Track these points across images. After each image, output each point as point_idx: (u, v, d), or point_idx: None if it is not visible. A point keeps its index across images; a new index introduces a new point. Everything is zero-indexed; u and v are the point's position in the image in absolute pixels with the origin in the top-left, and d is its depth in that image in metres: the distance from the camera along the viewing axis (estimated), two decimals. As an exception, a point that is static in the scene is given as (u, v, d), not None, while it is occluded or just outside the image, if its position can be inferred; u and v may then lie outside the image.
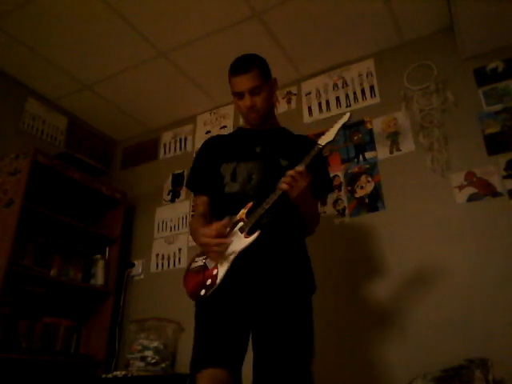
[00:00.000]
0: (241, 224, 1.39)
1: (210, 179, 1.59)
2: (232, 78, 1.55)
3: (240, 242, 1.36)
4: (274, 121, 1.70)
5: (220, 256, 1.36)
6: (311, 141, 1.61)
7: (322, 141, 1.40)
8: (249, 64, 1.54)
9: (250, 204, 1.41)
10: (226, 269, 1.35)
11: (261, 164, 1.52)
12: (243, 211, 1.41)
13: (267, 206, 1.36)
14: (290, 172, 1.34)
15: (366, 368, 2.10)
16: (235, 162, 1.55)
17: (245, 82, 1.52)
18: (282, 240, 1.46)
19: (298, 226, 1.54)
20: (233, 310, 1.38)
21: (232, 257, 1.35)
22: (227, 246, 1.36)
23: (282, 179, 1.35)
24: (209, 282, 1.37)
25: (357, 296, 2.25)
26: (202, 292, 1.37)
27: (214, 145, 1.68)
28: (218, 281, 1.34)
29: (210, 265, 1.40)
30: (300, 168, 1.34)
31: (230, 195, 1.51)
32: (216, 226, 1.35)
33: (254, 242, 1.35)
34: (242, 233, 1.37)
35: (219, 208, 1.54)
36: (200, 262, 1.44)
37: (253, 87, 1.52)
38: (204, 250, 1.43)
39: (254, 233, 1.35)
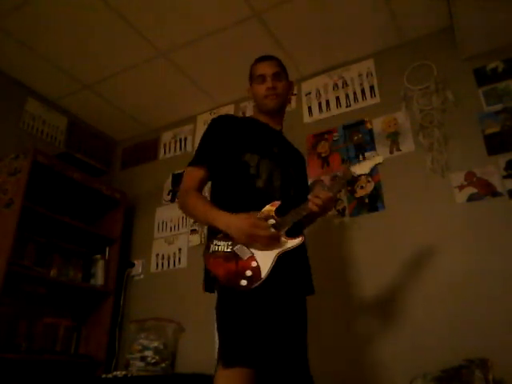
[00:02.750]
0: (272, 221, 1.39)
1: (229, 161, 1.54)
2: (256, 64, 1.69)
3: (279, 240, 1.38)
4: (282, 122, 1.75)
5: (267, 247, 1.36)
6: (302, 157, 1.83)
7: (357, 170, 1.48)
8: (275, 57, 1.72)
9: (278, 203, 1.42)
10: (271, 265, 1.33)
11: (280, 167, 1.56)
12: (271, 208, 1.40)
13: (304, 213, 1.41)
14: (323, 196, 1.40)
15: (366, 368, 2.10)
16: (258, 156, 1.54)
17: (270, 66, 1.65)
18: (304, 247, 1.54)
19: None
20: (274, 310, 1.39)
21: (275, 254, 1.35)
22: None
23: (312, 200, 1.40)
24: (249, 273, 1.32)
25: (356, 296, 2.25)
26: (244, 283, 1.32)
27: (233, 126, 1.62)
28: (263, 275, 1.32)
29: (244, 255, 1.35)
30: (331, 195, 1.43)
31: (256, 189, 1.49)
32: (265, 223, 1.37)
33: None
34: (278, 231, 1.38)
35: (243, 198, 1.50)
36: (224, 247, 1.39)
37: (277, 72, 1.64)
38: (250, 240, 1.36)
39: (294, 235, 1.39)
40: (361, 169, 1.46)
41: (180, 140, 3.32)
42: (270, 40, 2.61)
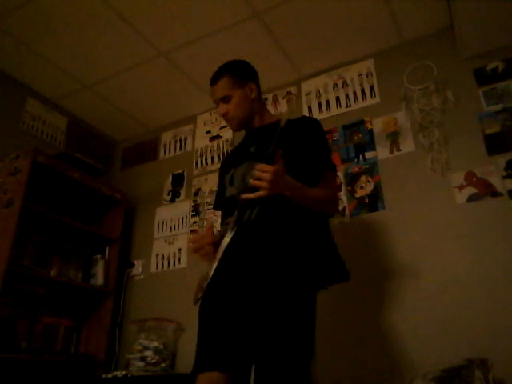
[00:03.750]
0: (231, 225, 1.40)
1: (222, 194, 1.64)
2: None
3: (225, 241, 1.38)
4: (266, 117, 1.66)
5: (210, 257, 1.38)
6: (305, 119, 1.64)
7: (282, 119, 1.29)
8: (218, 74, 1.62)
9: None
10: (214, 268, 1.35)
11: (257, 162, 1.43)
12: (236, 213, 1.41)
13: (242, 203, 1.35)
14: (256, 173, 1.27)
15: (365, 368, 2.10)
16: (233, 169, 1.58)
17: (214, 92, 1.61)
18: (270, 234, 1.38)
19: (294, 216, 1.42)
20: (227, 310, 1.38)
21: (219, 256, 1.35)
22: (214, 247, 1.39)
23: (251, 181, 1.28)
24: (205, 284, 1.38)
25: (356, 295, 2.24)
26: (199, 295, 1.39)
27: (224, 162, 1.75)
28: (208, 278, 1.36)
29: (210, 270, 1.40)
30: (258, 166, 1.26)
31: (228, 199, 1.54)
32: (200, 233, 1.40)
33: (240, 238, 1.35)
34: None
35: (222, 213, 1.60)
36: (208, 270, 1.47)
37: (221, 97, 1.58)
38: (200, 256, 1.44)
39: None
40: (285, 115, 1.36)
41: (180, 140, 3.32)
42: (270, 40, 2.61)
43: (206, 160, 3.11)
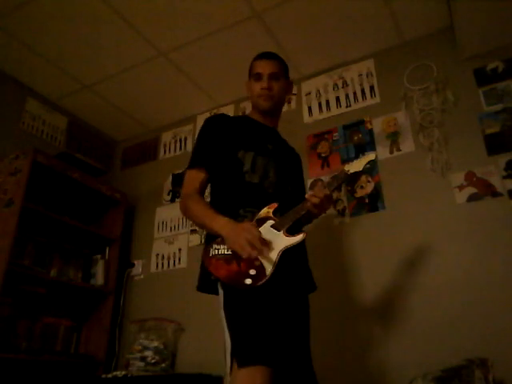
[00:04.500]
0: (271, 222, 1.39)
1: (224, 160, 1.55)
2: (256, 60, 1.68)
3: (281, 239, 1.36)
4: (278, 121, 1.75)
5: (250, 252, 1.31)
6: (298, 155, 1.85)
7: (350, 168, 1.48)
8: (275, 55, 1.70)
9: (275, 205, 1.44)
10: (275, 262, 1.32)
11: (275, 163, 1.57)
12: (268, 210, 1.42)
13: (303, 212, 1.41)
14: (320, 194, 1.39)
15: (365, 368, 2.10)
16: (253, 153, 1.55)
17: (268, 66, 1.64)
18: (303, 245, 1.55)
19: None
20: (281, 307, 1.40)
21: (278, 251, 1.33)
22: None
23: (310, 199, 1.40)
24: (253, 272, 1.31)
25: (356, 296, 2.25)
26: (248, 281, 1.30)
27: (227, 125, 1.62)
28: (268, 273, 1.30)
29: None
30: (328, 192, 1.41)
31: (252, 185, 1.50)
32: (258, 232, 1.33)
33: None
34: (278, 231, 1.37)
35: (239, 194, 1.50)
36: (223, 250, 1.38)
37: (274, 72, 1.63)
38: (236, 244, 1.33)
39: (295, 233, 1.38)
40: (354, 167, 1.48)
41: (180, 140, 3.32)
42: (270, 40, 2.61)
43: (206, 160, 3.10)
